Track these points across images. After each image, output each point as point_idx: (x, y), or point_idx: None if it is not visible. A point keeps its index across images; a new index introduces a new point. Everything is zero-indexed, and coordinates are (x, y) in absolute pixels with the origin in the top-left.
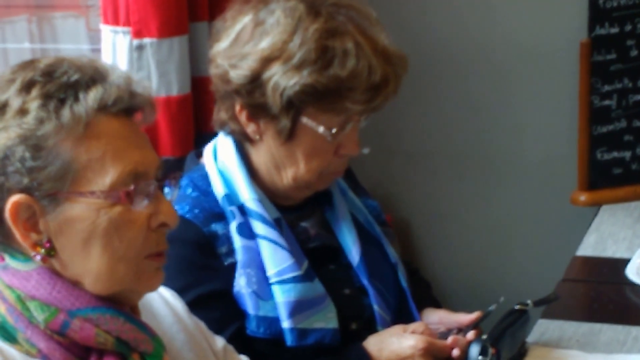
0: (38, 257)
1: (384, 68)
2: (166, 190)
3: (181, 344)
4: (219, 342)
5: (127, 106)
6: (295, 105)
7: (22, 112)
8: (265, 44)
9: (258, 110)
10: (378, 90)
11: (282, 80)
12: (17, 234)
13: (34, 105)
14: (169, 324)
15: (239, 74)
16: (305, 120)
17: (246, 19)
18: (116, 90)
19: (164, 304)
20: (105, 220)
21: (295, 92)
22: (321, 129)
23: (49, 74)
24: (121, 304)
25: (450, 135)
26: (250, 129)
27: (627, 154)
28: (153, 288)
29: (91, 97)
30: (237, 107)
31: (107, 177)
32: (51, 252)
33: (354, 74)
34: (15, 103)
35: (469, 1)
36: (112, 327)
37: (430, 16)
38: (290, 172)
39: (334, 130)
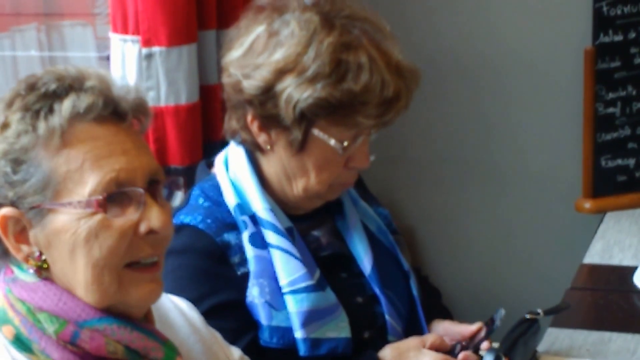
0: (31, 270)
1: (397, 83)
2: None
3: (198, 355)
4: (236, 352)
5: (110, 111)
6: (307, 117)
7: (5, 126)
8: (279, 55)
9: (270, 121)
10: (390, 104)
11: (296, 92)
12: (10, 247)
13: (14, 118)
14: (186, 334)
15: (252, 84)
16: (316, 132)
17: (260, 29)
18: (89, 96)
19: (180, 314)
20: (85, 230)
21: (308, 105)
22: (332, 142)
23: (32, 86)
24: (130, 316)
25: (455, 143)
26: (262, 139)
27: (631, 162)
28: (146, 300)
29: (64, 107)
30: (249, 117)
31: (86, 187)
32: (43, 265)
33: (367, 88)
34: (1, 118)
35: (474, 10)
36: (120, 336)
37: (435, 25)
38: (301, 182)
39: (345, 144)
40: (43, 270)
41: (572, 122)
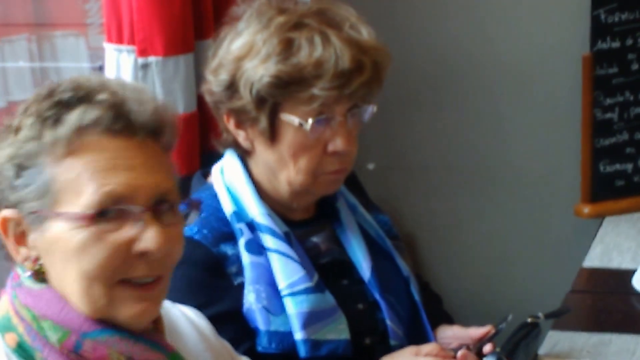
0: (28, 274)
1: (355, 55)
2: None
3: None
4: None
5: (123, 125)
6: (266, 100)
7: (17, 130)
8: (236, 45)
9: (240, 115)
10: (350, 76)
11: (251, 75)
12: (9, 249)
13: (26, 123)
14: (195, 342)
15: (218, 80)
16: (282, 116)
17: (230, 34)
18: (97, 109)
19: (188, 323)
20: (76, 241)
21: (262, 86)
22: (297, 121)
23: (50, 92)
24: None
25: (454, 150)
26: (241, 137)
27: (629, 166)
28: (135, 319)
29: (71, 118)
30: (225, 117)
31: (81, 198)
32: (40, 270)
33: (319, 61)
34: (16, 122)
35: (472, 16)
36: (122, 348)
37: (431, 31)
38: (283, 175)
39: (310, 121)
40: (41, 274)
41: (571, 127)
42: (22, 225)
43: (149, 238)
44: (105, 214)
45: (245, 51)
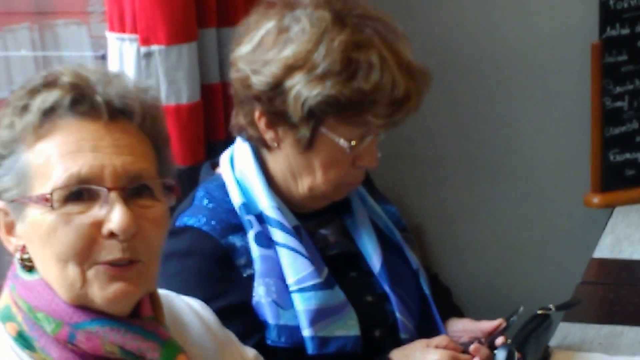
0: (19, 265)
1: (408, 83)
2: None
3: (212, 354)
4: (250, 353)
5: (89, 107)
6: (316, 115)
7: None
8: (289, 51)
9: (278, 118)
10: (400, 105)
11: (305, 89)
12: (2, 239)
13: (5, 112)
14: (200, 334)
15: (260, 80)
16: (324, 130)
17: (270, 25)
18: (56, 92)
19: (193, 314)
20: (46, 224)
21: (317, 103)
22: (340, 141)
23: (26, 83)
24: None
25: (462, 140)
26: (269, 136)
27: None
28: (111, 300)
29: (35, 103)
30: (257, 113)
31: (50, 181)
32: (28, 260)
33: (377, 87)
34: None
35: (480, 6)
36: (112, 338)
37: (439, 21)
38: (307, 181)
39: (353, 143)
40: (29, 264)
41: (580, 116)
42: (10, 215)
43: (113, 219)
44: (74, 196)
45: (299, 62)
